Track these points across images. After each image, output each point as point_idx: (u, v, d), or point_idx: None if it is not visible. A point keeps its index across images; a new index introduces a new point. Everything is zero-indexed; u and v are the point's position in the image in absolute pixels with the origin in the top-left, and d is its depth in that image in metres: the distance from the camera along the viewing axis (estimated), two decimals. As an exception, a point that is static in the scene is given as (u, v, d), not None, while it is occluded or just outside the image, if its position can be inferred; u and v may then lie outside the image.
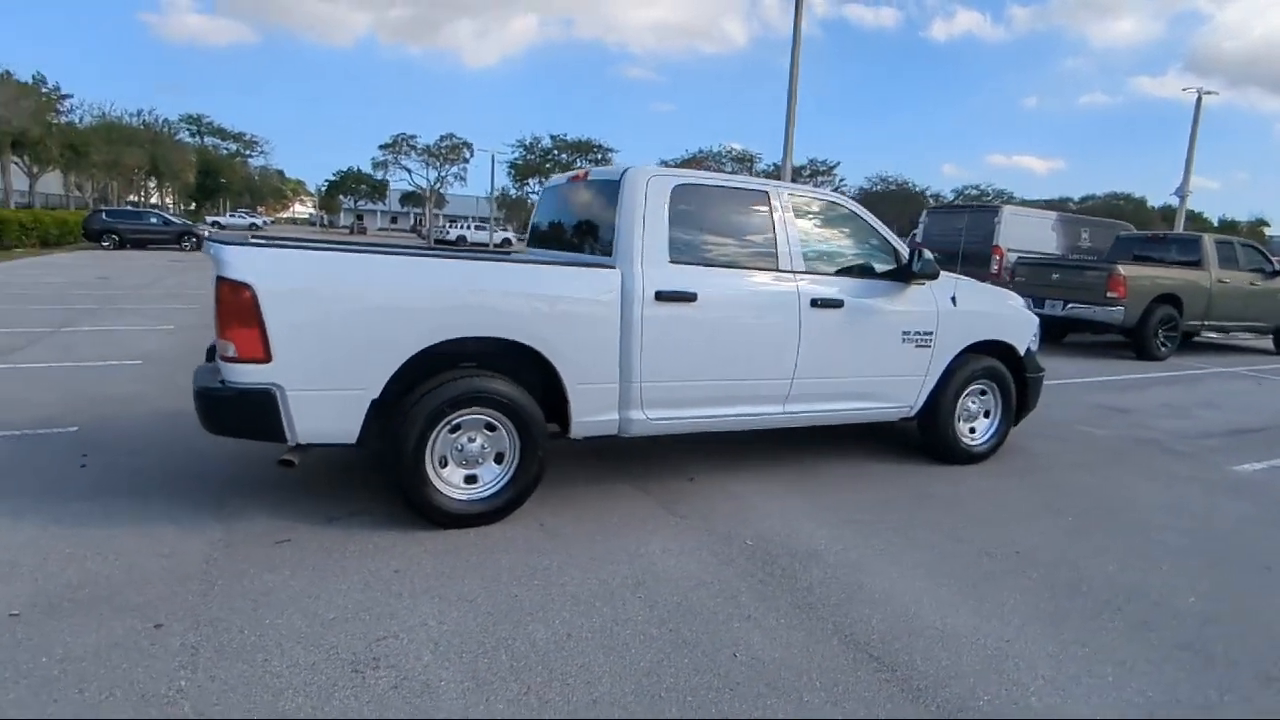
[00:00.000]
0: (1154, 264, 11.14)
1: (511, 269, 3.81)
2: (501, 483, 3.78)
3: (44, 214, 31.98)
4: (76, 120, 47.53)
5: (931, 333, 4.84)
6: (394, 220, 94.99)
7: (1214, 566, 3.68)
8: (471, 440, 3.72)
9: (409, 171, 55.87)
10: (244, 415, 3.29)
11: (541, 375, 3.85)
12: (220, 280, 3.19)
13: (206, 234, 29.76)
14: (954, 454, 5.13)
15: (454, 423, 3.66)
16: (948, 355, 4.95)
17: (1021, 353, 5.30)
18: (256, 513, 3.75)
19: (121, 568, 3.12)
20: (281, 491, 4.03)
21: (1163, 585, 3.44)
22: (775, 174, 50.34)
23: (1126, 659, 2.81)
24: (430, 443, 3.58)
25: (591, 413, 3.96)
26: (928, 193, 49.54)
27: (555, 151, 47.77)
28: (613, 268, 3.95)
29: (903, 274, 4.66)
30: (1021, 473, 5.08)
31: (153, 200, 74.50)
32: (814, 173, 51.00)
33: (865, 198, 45.95)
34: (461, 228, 54.96)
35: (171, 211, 69.01)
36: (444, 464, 3.68)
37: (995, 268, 12.12)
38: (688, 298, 4.04)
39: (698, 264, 4.14)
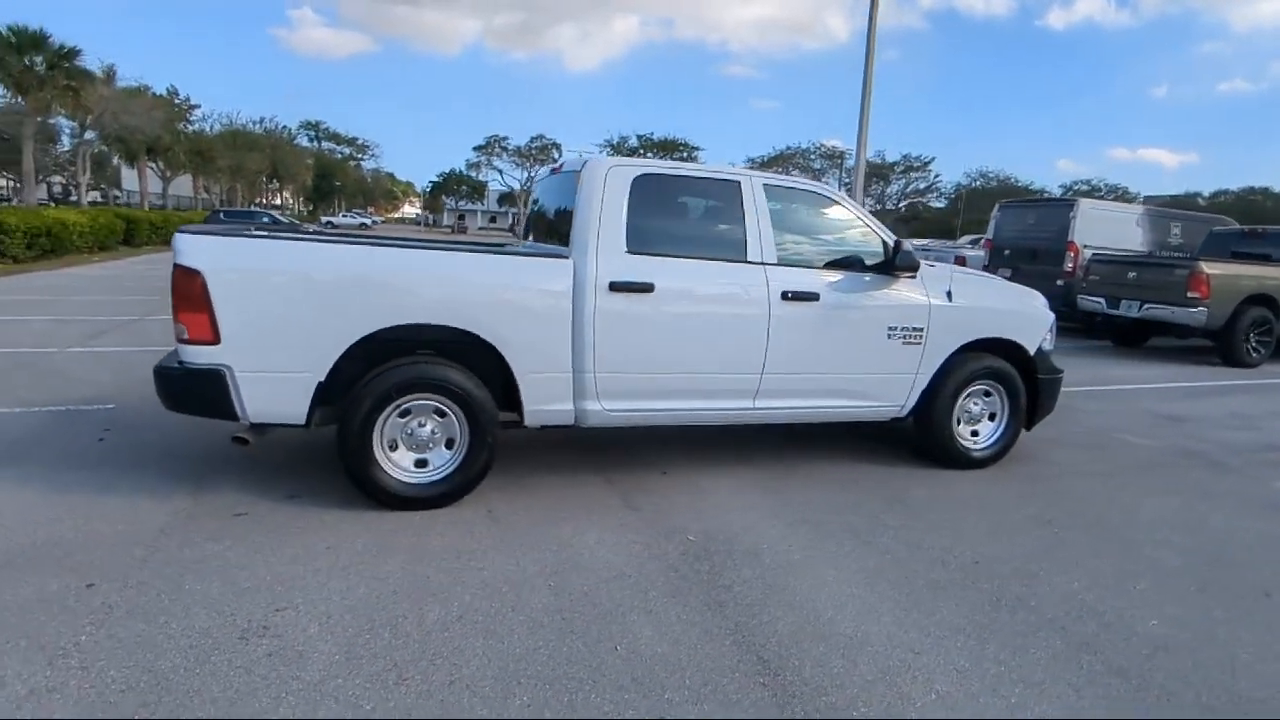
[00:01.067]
0: (1252, 262, 10.10)
1: (458, 258, 3.88)
2: (451, 468, 3.85)
3: (173, 215, 34.91)
4: (207, 128, 51.71)
5: (922, 329, 4.58)
6: (493, 219, 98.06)
7: (1202, 590, 3.32)
8: (422, 425, 3.82)
9: (500, 172, 57.60)
10: (196, 394, 3.50)
11: (497, 364, 3.90)
12: (175, 267, 3.40)
13: (309, 228, 31.31)
14: (952, 458, 4.85)
15: (403, 407, 3.76)
16: (942, 353, 4.68)
17: (1031, 352, 4.94)
18: (228, 487, 3.98)
19: (84, 532, 3.38)
20: (260, 469, 4.25)
21: (1126, 606, 3.14)
22: (872, 169, 49.06)
23: (1044, 681, 2.58)
24: (378, 425, 3.69)
25: (544, 402, 3.98)
26: (1034, 188, 46.74)
27: (641, 150, 48.09)
28: (566, 258, 3.95)
29: (883, 267, 4.43)
30: (1024, 480, 4.73)
31: (275, 201, 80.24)
32: (907, 168, 49.13)
33: (962, 194, 43.87)
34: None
35: (291, 212, 73.78)
36: (394, 447, 3.79)
37: (1070, 266, 11.31)
38: (644, 288, 3.99)
39: (658, 255, 4.09)
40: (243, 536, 3.42)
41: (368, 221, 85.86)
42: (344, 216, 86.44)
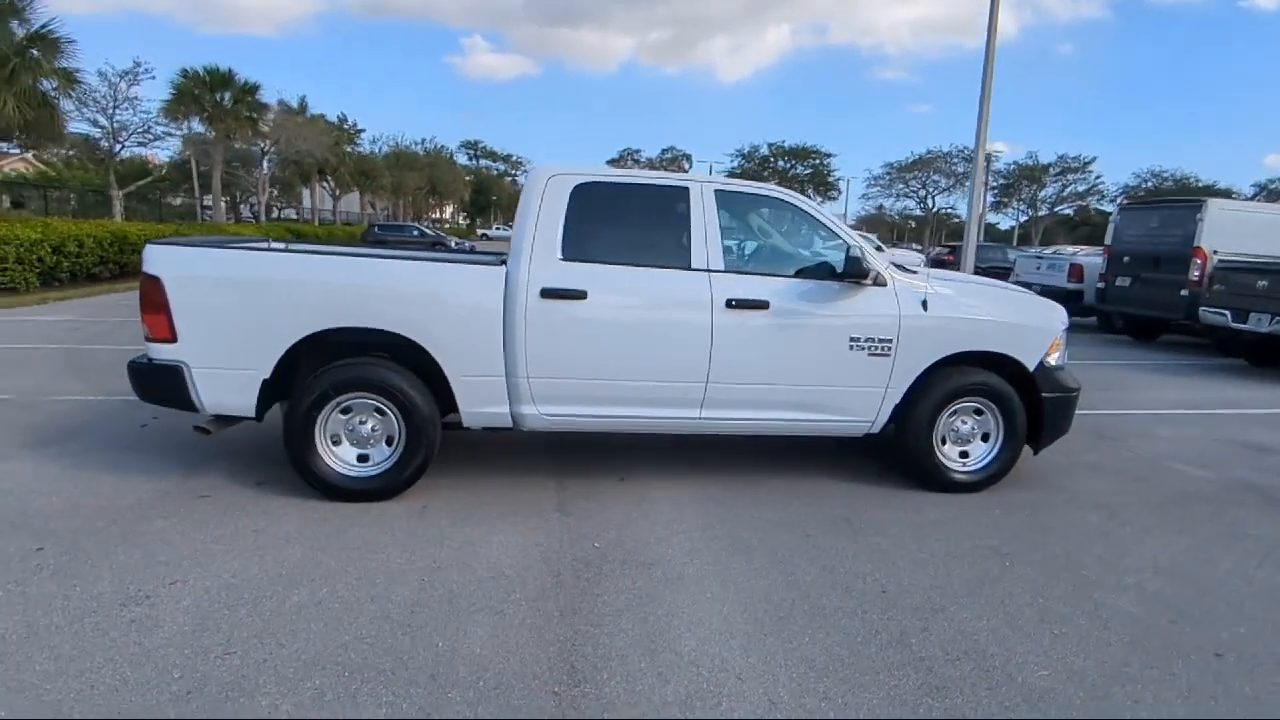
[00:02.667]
0: None
1: (394, 265, 4.09)
2: (389, 464, 4.06)
3: (338, 229, 38.57)
4: (376, 150, 56.69)
5: (890, 340, 4.28)
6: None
7: (1133, 643, 2.89)
8: (363, 423, 4.06)
9: None
10: (159, 386, 3.93)
11: (434, 367, 4.07)
12: (142, 274, 3.85)
13: (453, 244, 33.80)
14: (934, 480, 4.48)
15: (344, 405, 4.02)
16: (916, 367, 4.34)
17: (1030, 367, 4.47)
18: (214, 472, 4.41)
19: (71, 503, 3.88)
20: (252, 457, 4.68)
21: (1025, 653, 2.79)
22: (1023, 171, 45.39)
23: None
24: (319, 420, 3.97)
25: (480, 404, 4.10)
26: (1220, 188, 41.25)
27: (772, 159, 47.27)
28: (500, 265, 4.07)
29: (834, 275, 4.18)
30: (1012, 507, 4.28)
31: (435, 216, 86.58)
32: (1063, 170, 44.91)
33: (1130, 196, 39.60)
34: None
35: (449, 226, 78.92)
36: (337, 442, 4.06)
37: (1196, 274, 9.96)
38: (577, 295, 4.02)
39: (595, 262, 4.11)
40: (191, 515, 3.79)
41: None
42: (497, 229, 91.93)
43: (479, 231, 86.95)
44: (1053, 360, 4.55)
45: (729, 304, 4.13)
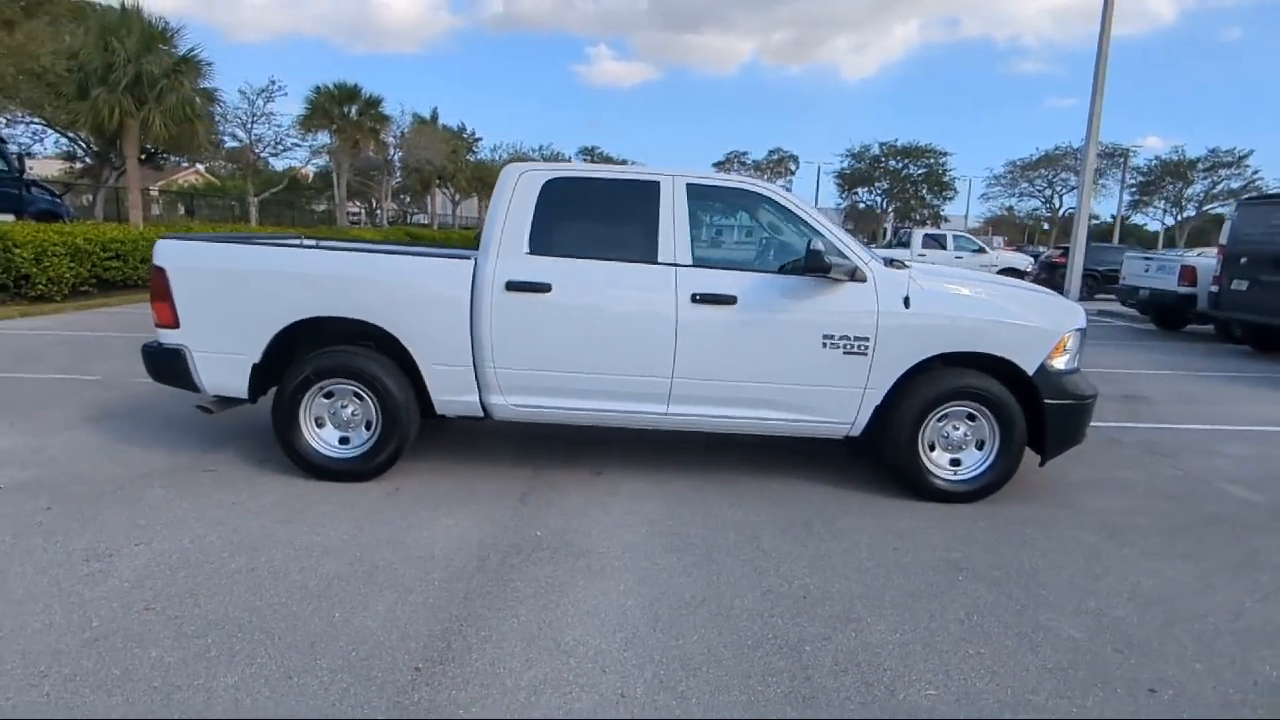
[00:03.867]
0: None
1: (367, 258, 4.29)
2: (366, 447, 4.28)
3: (454, 233, 40.55)
4: (496, 157, 59.30)
5: (868, 338, 4.07)
6: (748, 234, 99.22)
7: (1056, 671, 2.62)
8: (344, 406, 4.30)
9: None
10: (166, 368, 4.32)
11: (410, 355, 4.25)
12: (151, 265, 4.25)
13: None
14: (919, 488, 4.22)
15: (327, 390, 4.27)
16: (897, 366, 4.11)
17: (1029, 371, 4.12)
18: (228, 449, 4.79)
19: (97, 470, 4.32)
20: (268, 438, 5.02)
21: (922, 673, 2.59)
22: (1166, 167, 41.13)
23: (702, 723, 2.30)
24: (303, 403, 4.23)
25: (450, 393, 4.25)
26: None
27: (884, 158, 45.32)
28: (468, 259, 4.19)
29: (796, 269, 4.02)
30: (999, 520, 3.97)
31: None
32: (1214, 165, 40.42)
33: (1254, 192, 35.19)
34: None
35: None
36: (321, 424, 4.31)
37: (1324, 276, 8.78)
38: (541, 288, 4.09)
39: (561, 256, 4.16)
40: (188, 486, 4.14)
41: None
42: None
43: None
44: (1058, 364, 4.18)
45: (694, 298, 4.07)
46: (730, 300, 4.08)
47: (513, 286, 4.09)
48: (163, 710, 2.27)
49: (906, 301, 4.08)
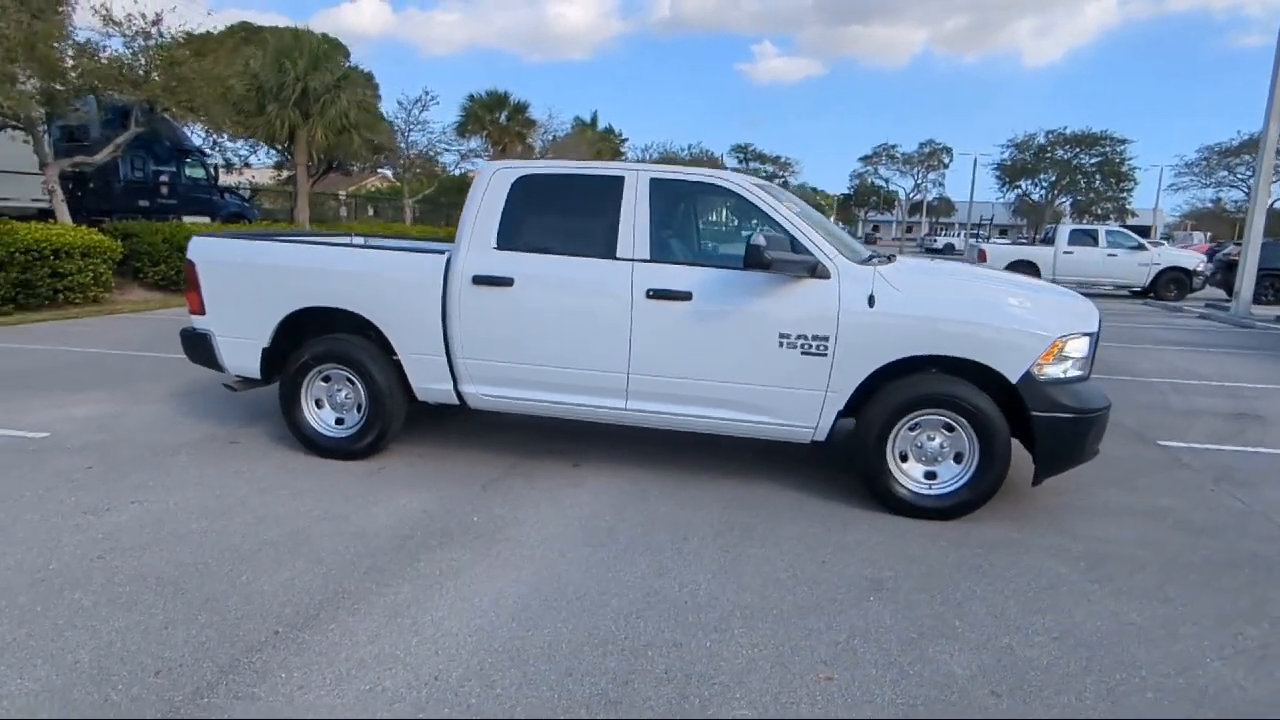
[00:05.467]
0: None
1: (354, 253, 4.59)
2: (356, 428, 4.61)
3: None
4: (646, 157, 60.52)
5: (828, 338, 3.84)
6: (908, 230, 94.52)
7: (896, 708, 2.37)
8: (339, 390, 4.66)
9: (885, 181, 55.25)
10: (197, 350, 4.87)
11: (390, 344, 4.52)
12: (186, 259, 4.81)
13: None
14: (886, 501, 3.92)
15: (324, 374, 4.64)
16: (860, 369, 3.84)
17: (1012, 378, 3.70)
18: (262, 425, 5.33)
19: (147, 438, 4.96)
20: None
21: (748, 691, 2.44)
22: None
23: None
24: (304, 385, 4.64)
25: (427, 381, 4.48)
26: None
27: (1050, 148, 40.98)
28: (442, 253, 4.39)
29: (743, 265, 3.83)
30: (966, 542, 3.60)
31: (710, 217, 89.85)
32: None
33: None
34: (950, 236, 52.28)
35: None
36: (320, 405, 4.70)
37: None
38: (504, 282, 4.21)
39: (527, 251, 4.25)
40: (209, 456, 4.66)
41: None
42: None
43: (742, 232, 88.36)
44: (1053, 371, 3.72)
45: (649, 294, 4.03)
46: (685, 296, 3.99)
47: (478, 280, 4.24)
48: (47, 644, 2.62)
49: (871, 300, 3.80)
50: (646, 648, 2.68)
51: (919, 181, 51.64)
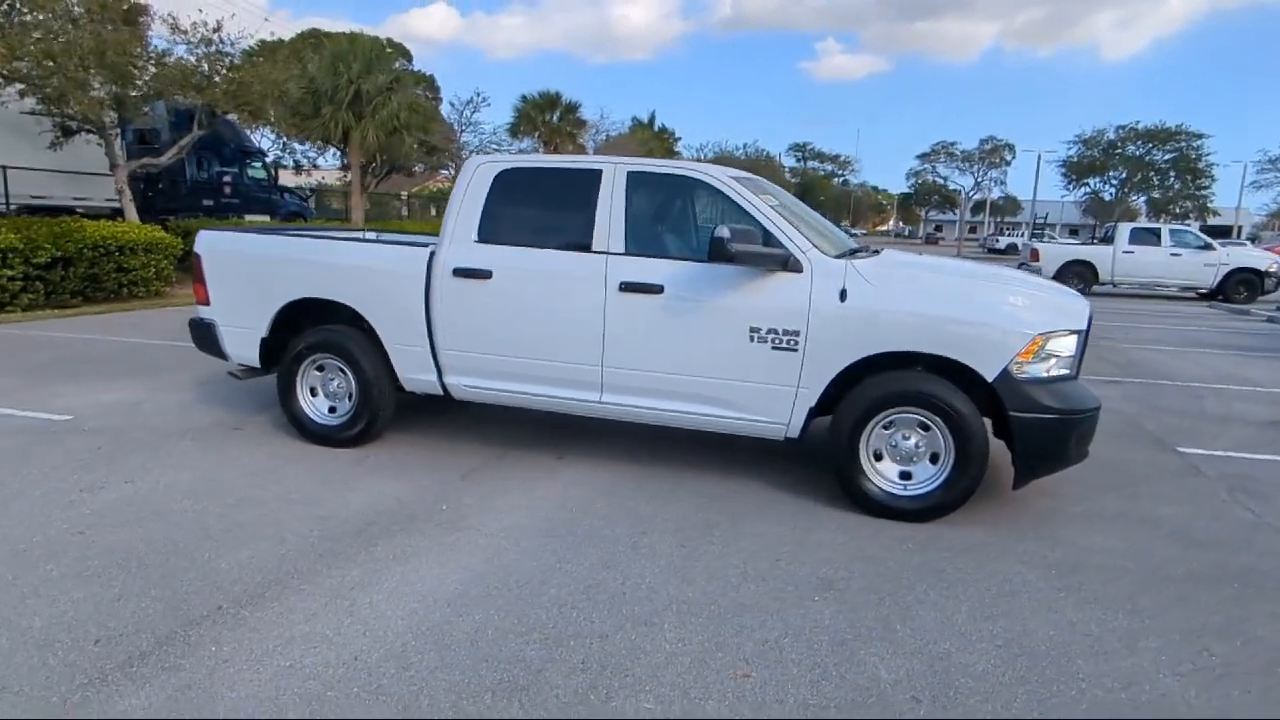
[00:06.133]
0: None
1: (344, 246, 4.70)
2: (346, 417, 4.73)
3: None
4: (699, 157, 60.45)
5: (799, 333, 3.76)
6: (972, 230, 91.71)
7: (807, 709, 2.30)
8: (332, 379, 4.79)
9: (943, 180, 53.60)
10: (203, 339, 5.07)
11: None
12: (193, 253, 5.01)
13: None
14: (859, 501, 3.82)
15: (319, 363, 4.78)
16: (832, 365, 3.74)
17: (988, 376, 3.55)
18: (269, 412, 5.52)
19: (158, 422, 5.20)
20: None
21: (662, 685, 2.41)
22: None
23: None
24: (299, 374, 4.78)
25: (413, 371, 4.56)
26: None
27: (1120, 144, 38.87)
28: (426, 247, 4.47)
29: (711, 257, 3.77)
30: (926, 544, 3.47)
31: None
32: None
33: None
34: (1014, 236, 50.56)
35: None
36: (315, 393, 4.84)
37: None
38: (483, 275, 4.26)
39: (505, 244, 4.29)
40: (210, 441, 4.84)
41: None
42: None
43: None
44: (1034, 370, 3.56)
45: (621, 287, 4.01)
46: (657, 289, 3.96)
47: (458, 273, 4.30)
48: (6, 610, 2.77)
49: (843, 294, 3.70)
50: (571, 638, 2.68)
51: (979, 180, 49.94)
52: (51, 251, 10.10)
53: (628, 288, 4.00)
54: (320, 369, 4.78)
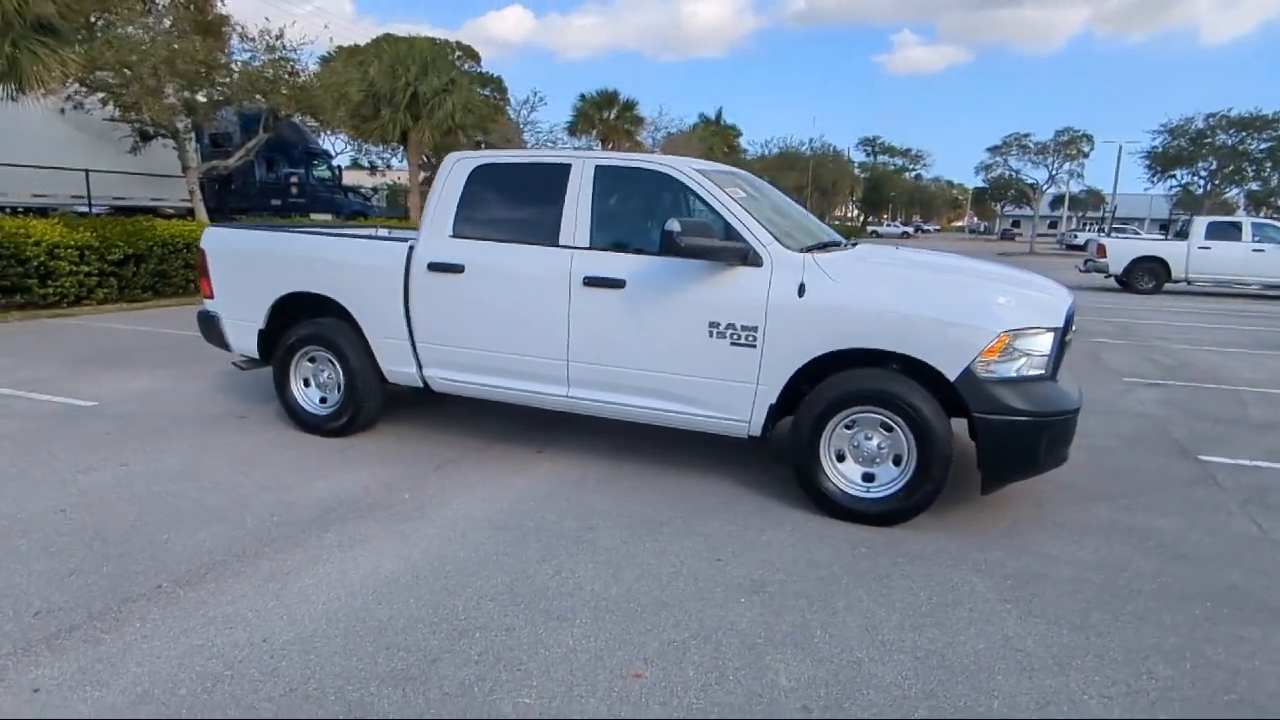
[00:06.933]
0: None
1: (332, 241, 4.81)
2: (334, 408, 4.87)
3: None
4: (765, 153, 59.81)
5: (757, 328, 3.66)
6: (1052, 225, 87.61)
7: (716, 709, 2.24)
8: (322, 371, 4.93)
9: (1015, 172, 51.12)
10: (208, 330, 5.29)
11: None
12: (199, 247, 5.24)
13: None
14: (819, 502, 3.70)
15: (310, 355, 4.93)
16: (790, 361, 3.63)
17: (950, 375, 3.37)
18: (273, 404, 5.72)
19: (173, 409, 5.46)
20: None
21: (549, 680, 2.38)
22: None
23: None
24: (292, 365, 4.95)
25: (395, 364, 4.65)
26: None
27: (1210, 133, 36.08)
28: (404, 241, 4.55)
29: (662, 250, 3.69)
30: (881, 549, 3.33)
31: (837, 212, 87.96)
32: None
33: None
34: (1094, 231, 48.06)
35: (837, 224, 79.23)
36: (308, 384, 5.00)
37: None
38: (455, 269, 4.31)
39: (478, 238, 4.33)
40: (214, 428, 5.05)
41: (910, 231, 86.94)
42: (888, 226, 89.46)
43: (869, 228, 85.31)
44: (1002, 369, 3.37)
45: (586, 281, 3.99)
46: (619, 284, 3.93)
47: (433, 267, 4.36)
48: (-33, 580, 2.95)
49: (801, 289, 3.59)
50: (478, 629, 2.68)
51: (1053, 172, 47.50)
52: (124, 249, 10.74)
53: (591, 282, 3.98)
54: (312, 361, 4.93)
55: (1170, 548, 3.45)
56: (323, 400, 4.94)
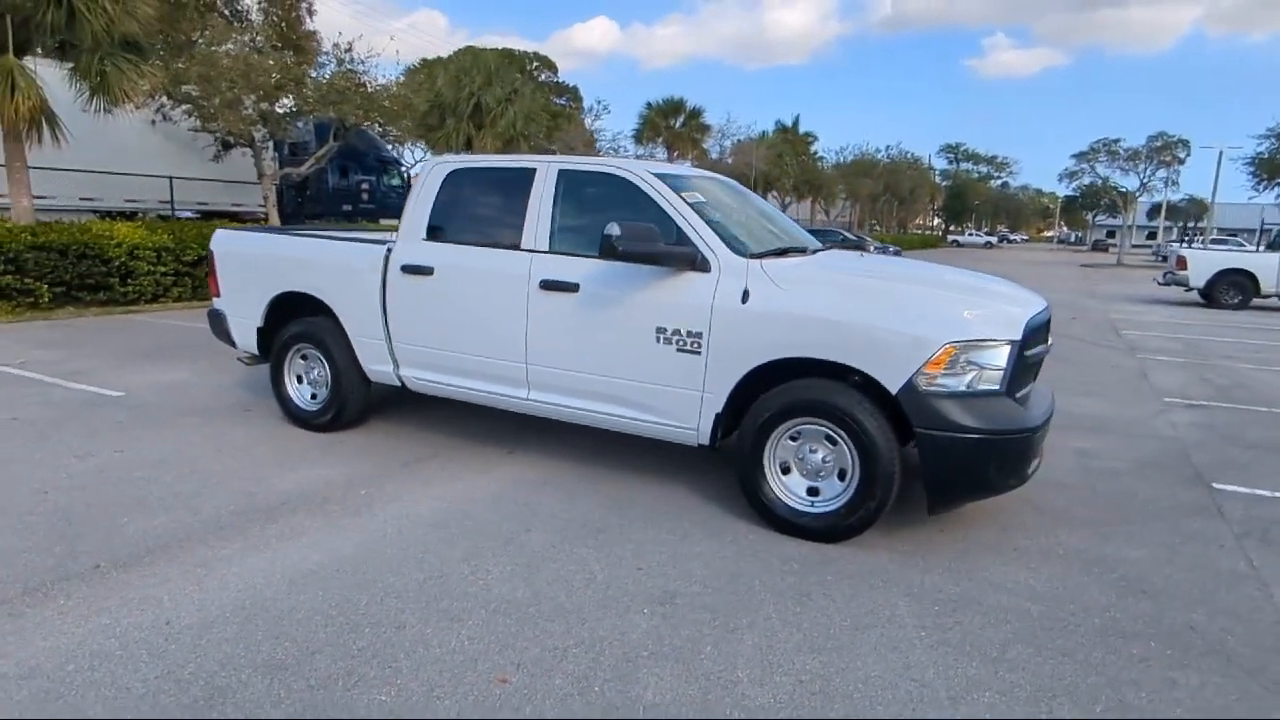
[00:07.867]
0: None
1: (320, 243, 4.97)
2: (322, 404, 5.04)
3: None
4: (841, 159, 58.73)
5: (701, 335, 3.58)
6: (1150, 236, 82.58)
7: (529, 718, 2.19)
8: (313, 368, 5.11)
9: (1103, 180, 48.22)
10: (217, 327, 5.56)
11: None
12: (209, 249, 5.51)
13: (872, 248, 33.65)
14: (762, 514, 3.59)
15: (302, 353, 5.12)
16: (734, 370, 3.53)
17: (892, 388, 3.21)
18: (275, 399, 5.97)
19: (188, 400, 5.76)
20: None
21: (417, 680, 2.38)
22: None
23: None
24: (286, 362, 5.14)
25: (374, 363, 4.78)
26: None
27: None
28: (383, 243, 4.66)
29: (601, 254, 3.65)
30: (813, 566, 3.19)
31: (919, 222, 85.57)
32: None
33: None
34: (1189, 241, 45.06)
35: (916, 233, 76.98)
36: (301, 381, 5.19)
37: None
38: (425, 271, 4.40)
39: (449, 241, 4.41)
40: (218, 420, 5.30)
41: (993, 241, 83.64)
42: (970, 235, 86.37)
43: (950, 238, 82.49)
44: (947, 383, 3.18)
45: (542, 285, 4.00)
46: (574, 288, 3.92)
47: (406, 269, 4.46)
48: (-68, 552, 3.18)
49: (745, 295, 3.49)
50: (370, 625, 2.71)
51: (1144, 180, 44.70)
52: (198, 250, 11.41)
53: (547, 285, 3.98)
54: (304, 358, 5.11)
55: (1134, 581, 3.18)
56: (314, 396, 5.11)
